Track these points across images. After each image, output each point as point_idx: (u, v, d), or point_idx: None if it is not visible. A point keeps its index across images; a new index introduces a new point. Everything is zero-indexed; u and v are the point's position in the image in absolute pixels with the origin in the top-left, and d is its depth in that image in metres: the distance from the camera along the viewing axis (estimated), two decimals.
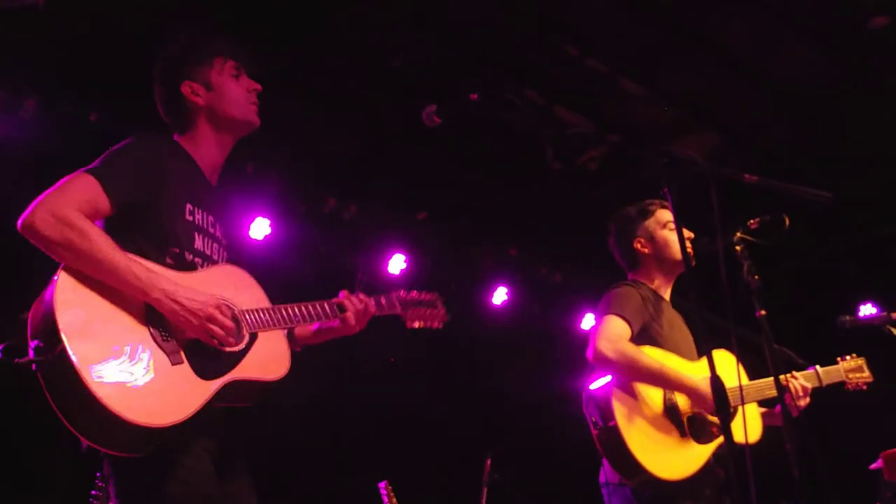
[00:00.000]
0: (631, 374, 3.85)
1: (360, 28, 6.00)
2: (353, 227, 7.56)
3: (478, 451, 6.88)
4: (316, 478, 7.28)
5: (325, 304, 3.24)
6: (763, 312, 3.20)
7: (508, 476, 6.81)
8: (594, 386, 3.94)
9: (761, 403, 4.14)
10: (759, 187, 3.02)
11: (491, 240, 8.52)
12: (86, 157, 3.05)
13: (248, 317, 2.94)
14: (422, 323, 3.70)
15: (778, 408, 4.12)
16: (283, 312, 3.06)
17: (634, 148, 4.18)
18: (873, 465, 4.65)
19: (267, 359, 2.94)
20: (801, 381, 4.15)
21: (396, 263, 7.82)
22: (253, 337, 2.92)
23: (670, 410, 3.87)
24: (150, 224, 2.90)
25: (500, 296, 8.62)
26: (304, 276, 7.40)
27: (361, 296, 3.36)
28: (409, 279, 7.96)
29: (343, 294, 3.32)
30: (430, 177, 7.53)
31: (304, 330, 3.37)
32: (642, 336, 4.02)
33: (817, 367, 4.28)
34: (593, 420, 3.87)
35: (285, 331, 3.12)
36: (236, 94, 3.20)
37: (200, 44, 3.21)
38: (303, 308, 3.14)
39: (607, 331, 3.92)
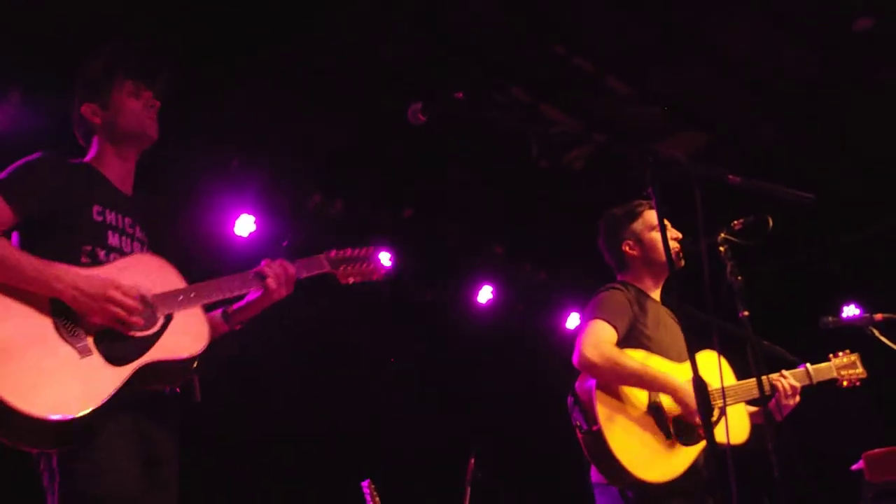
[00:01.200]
0: (615, 378, 3.86)
1: (348, 25, 5.98)
2: (339, 223, 7.54)
3: (461, 449, 6.89)
4: (299, 476, 7.27)
5: (243, 275, 3.31)
6: (746, 313, 3.21)
7: (492, 475, 6.81)
8: (578, 389, 3.94)
9: (753, 402, 4.14)
10: (742, 188, 3.03)
11: (477, 237, 8.52)
12: (70, 151, 3.17)
13: (161, 299, 3.01)
14: (357, 278, 3.72)
15: (770, 404, 4.10)
16: (197, 289, 3.13)
17: (619, 147, 4.16)
18: (855, 466, 4.65)
19: (183, 338, 3.00)
20: (790, 380, 4.14)
21: (383, 260, 7.79)
22: (168, 318, 2.99)
23: (655, 413, 3.88)
24: (60, 229, 3.04)
25: (485, 294, 8.62)
26: None
27: (280, 260, 3.41)
28: (395, 276, 7.96)
29: (264, 263, 3.38)
30: (416, 174, 7.53)
31: (233, 307, 3.43)
32: (629, 338, 4.02)
33: (807, 364, 4.27)
34: (577, 424, 3.87)
35: (203, 309, 3.16)
36: (131, 109, 3.34)
37: (100, 68, 3.39)
38: (220, 282, 3.20)
39: (592, 335, 3.92)
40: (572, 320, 8.97)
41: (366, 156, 7.23)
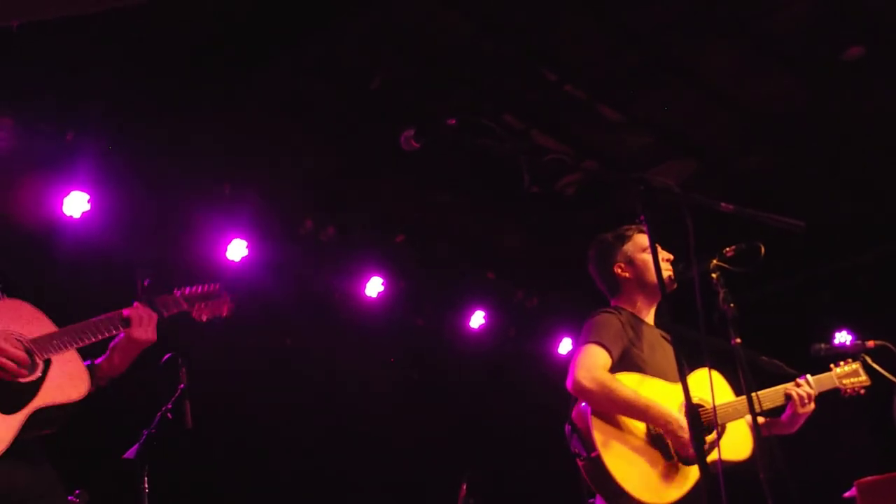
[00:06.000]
0: (608, 404, 3.84)
1: (339, 50, 6.01)
2: (331, 248, 7.55)
3: (452, 475, 6.85)
4: (288, 501, 7.23)
5: (111, 317, 3.27)
6: (738, 340, 3.21)
7: (484, 501, 6.77)
8: (574, 416, 3.92)
9: (763, 414, 4.13)
10: (733, 215, 3.04)
11: (469, 263, 8.53)
12: (63, 176, 3.14)
13: (38, 345, 3.00)
14: (210, 313, 3.67)
15: (784, 416, 4.15)
16: (71, 331, 3.11)
17: (610, 175, 4.17)
18: (847, 494, 4.64)
19: (65, 381, 3.01)
20: (805, 388, 4.14)
21: (374, 286, 7.81)
22: (47, 363, 2.99)
23: (654, 435, 3.86)
24: None
25: (477, 319, 8.62)
26: (281, 297, 7.38)
27: (137, 305, 3.36)
28: (387, 302, 7.96)
29: (135, 304, 3.37)
30: (408, 199, 7.54)
31: (105, 364, 3.35)
32: (623, 362, 4.01)
33: (808, 375, 4.24)
34: (576, 452, 3.85)
35: (76, 350, 3.14)
36: None
37: None
38: (90, 324, 3.19)
39: (586, 360, 3.91)
40: (564, 346, 8.97)
41: (358, 181, 7.24)
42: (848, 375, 4.36)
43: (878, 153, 7.44)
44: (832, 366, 4.41)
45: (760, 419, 4.14)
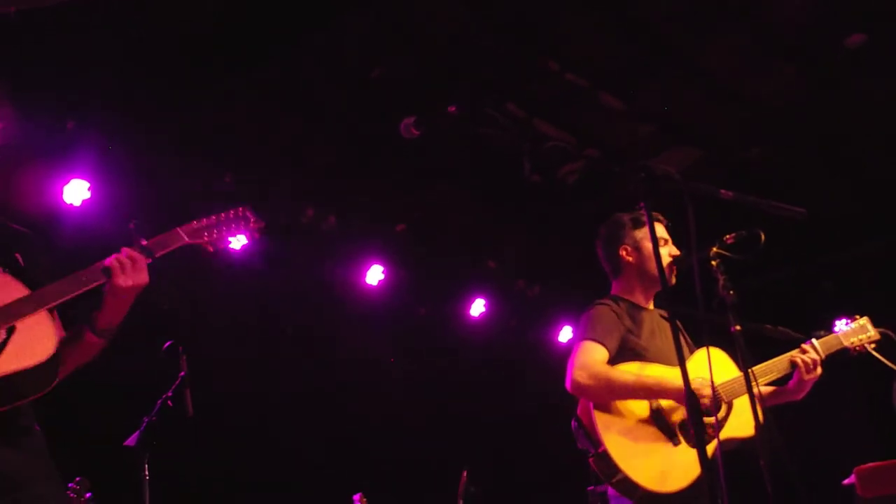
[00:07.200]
0: (610, 395, 3.84)
1: (340, 40, 6.00)
2: (332, 237, 7.55)
3: (454, 463, 6.87)
4: (290, 489, 7.25)
5: (90, 269, 3.01)
6: (738, 327, 3.21)
7: (485, 489, 6.80)
8: (580, 412, 3.92)
9: (771, 384, 4.12)
10: (734, 203, 3.04)
11: (469, 252, 8.53)
12: (64, 165, 3.11)
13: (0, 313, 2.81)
14: (231, 235, 3.39)
15: (790, 384, 4.12)
16: (40, 293, 2.90)
17: (612, 163, 4.16)
18: (847, 481, 4.64)
19: (26, 347, 2.79)
20: (811, 353, 4.11)
21: (375, 274, 7.82)
22: (10, 331, 2.80)
23: (658, 420, 3.86)
24: None
25: (478, 308, 8.62)
26: (282, 285, 7.39)
27: (124, 250, 3.06)
28: (388, 290, 7.96)
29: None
30: (408, 189, 7.53)
31: (99, 315, 3.08)
32: (623, 352, 4.00)
33: (813, 340, 4.21)
34: (584, 448, 3.85)
35: (50, 313, 2.93)
36: None
37: None
38: (64, 281, 2.96)
39: (581, 358, 3.90)
40: (565, 334, 8.97)
41: (359, 170, 7.23)
42: (856, 332, 4.32)
43: (880, 143, 7.43)
44: (838, 323, 4.37)
45: (768, 388, 4.13)
